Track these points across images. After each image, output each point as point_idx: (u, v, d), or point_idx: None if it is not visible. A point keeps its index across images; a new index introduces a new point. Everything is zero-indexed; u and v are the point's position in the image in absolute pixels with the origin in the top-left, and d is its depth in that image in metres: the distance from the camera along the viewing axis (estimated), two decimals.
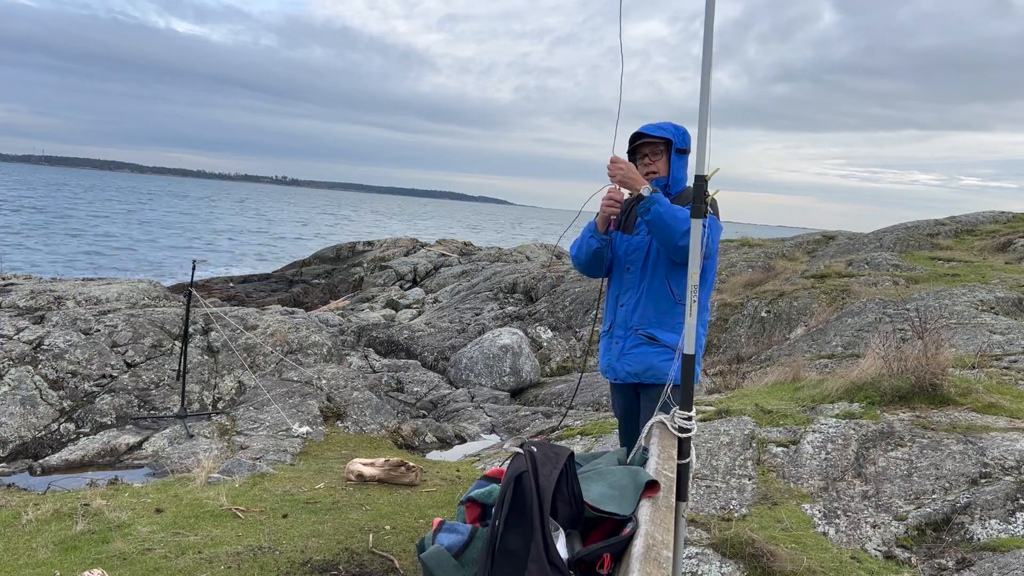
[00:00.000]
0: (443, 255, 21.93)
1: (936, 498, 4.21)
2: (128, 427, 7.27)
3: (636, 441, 2.48)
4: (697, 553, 3.78)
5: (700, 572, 3.68)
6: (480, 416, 8.91)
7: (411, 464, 5.21)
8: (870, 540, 3.99)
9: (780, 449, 5.01)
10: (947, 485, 4.31)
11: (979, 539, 3.81)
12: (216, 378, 8.38)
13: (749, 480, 4.71)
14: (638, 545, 1.76)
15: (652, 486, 2.07)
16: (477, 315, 14.09)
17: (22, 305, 9.25)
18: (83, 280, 13.24)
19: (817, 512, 4.27)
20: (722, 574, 3.67)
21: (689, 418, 2.47)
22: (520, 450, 1.98)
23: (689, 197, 2.85)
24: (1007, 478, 4.21)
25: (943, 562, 3.73)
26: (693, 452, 2.51)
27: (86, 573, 3.34)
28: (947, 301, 9.18)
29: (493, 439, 8.24)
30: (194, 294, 7.89)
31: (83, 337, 8.22)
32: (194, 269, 8.42)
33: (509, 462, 1.97)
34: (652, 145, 3.20)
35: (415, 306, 16.95)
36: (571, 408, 8.94)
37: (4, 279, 11.35)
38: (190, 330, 8.27)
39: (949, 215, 16.85)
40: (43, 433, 6.95)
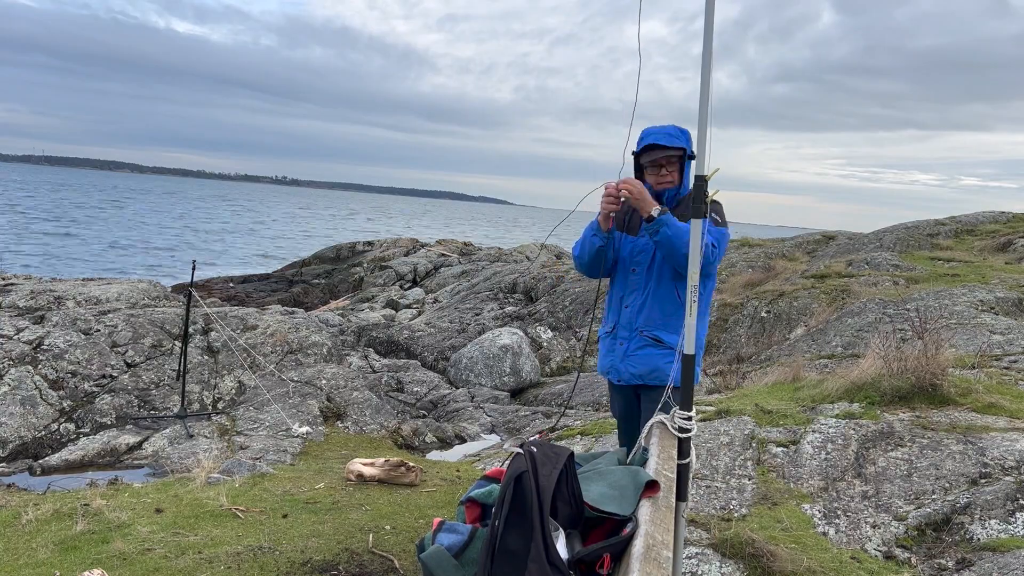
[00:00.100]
0: (443, 255, 21.93)
1: (936, 498, 4.22)
2: (128, 427, 7.27)
3: (636, 442, 2.48)
4: (697, 553, 3.78)
5: (700, 572, 3.68)
6: (480, 416, 8.91)
7: (411, 464, 5.21)
8: (870, 540, 3.99)
9: (780, 449, 5.01)
10: (947, 485, 4.31)
11: (979, 539, 3.81)
12: (216, 378, 8.38)
13: (749, 480, 4.71)
14: (638, 545, 1.76)
15: (652, 486, 2.07)
16: (477, 315, 14.09)
17: (22, 305, 9.25)
18: (83, 280, 13.23)
19: (817, 512, 4.27)
20: (722, 574, 3.67)
21: (689, 418, 2.47)
22: (520, 450, 1.98)
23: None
24: (1007, 478, 4.22)
25: (943, 562, 3.73)
26: (693, 452, 2.52)
27: (86, 573, 3.34)
28: (947, 301, 9.18)
29: (493, 439, 8.24)
30: (194, 294, 7.89)
31: (83, 337, 8.22)
32: (194, 269, 8.43)
33: (509, 462, 1.97)
34: (668, 157, 3.19)
35: (415, 306, 16.94)
36: (570, 408, 8.94)
37: (4, 279, 11.35)
38: (190, 330, 8.27)
39: (949, 215, 16.86)
40: (43, 433, 6.95)
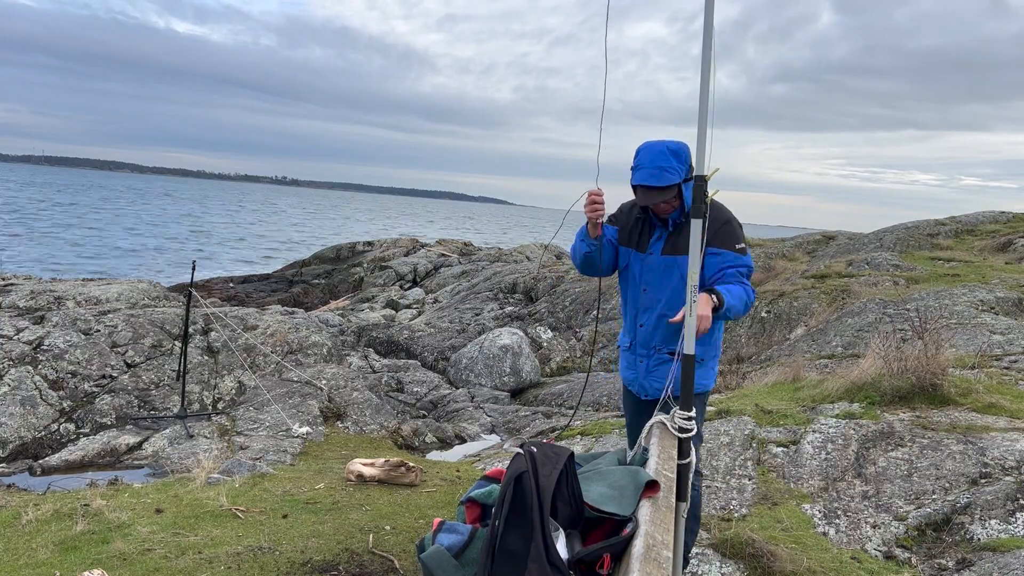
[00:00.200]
0: (443, 255, 21.93)
1: (936, 498, 4.21)
2: (128, 427, 7.27)
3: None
4: (697, 553, 3.78)
5: (700, 572, 3.68)
6: (480, 416, 8.91)
7: (411, 464, 5.20)
8: (870, 540, 3.99)
9: (780, 449, 5.01)
10: (947, 485, 4.31)
11: (979, 539, 3.81)
12: (216, 378, 8.38)
13: (749, 480, 4.71)
14: (638, 545, 1.76)
15: (652, 486, 2.07)
16: (477, 315, 14.09)
17: (22, 305, 9.25)
18: (83, 280, 13.24)
19: (817, 512, 4.27)
20: (722, 574, 3.67)
21: (689, 418, 2.48)
22: (520, 450, 1.98)
23: (716, 214, 3.00)
24: (1007, 478, 4.21)
25: (943, 562, 3.73)
26: (693, 452, 2.52)
27: (86, 573, 3.34)
28: (947, 301, 9.18)
29: (493, 439, 8.24)
30: (194, 294, 7.89)
31: (83, 337, 8.22)
32: (194, 269, 8.43)
33: (509, 462, 1.97)
34: (663, 197, 3.03)
35: (415, 306, 16.94)
36: (576, 408, 8.94)
37: (4, 279, 11.35)
38: (190, 330, 8.27)
39: (949, 215, 16.87)
40: (43, 433, 6.94)
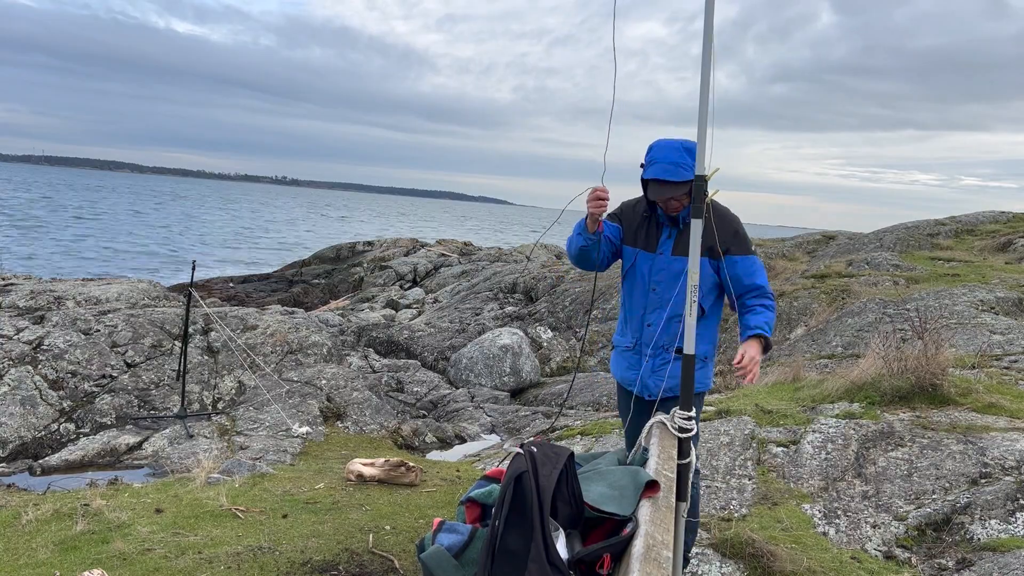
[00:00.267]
0: (443, 255, 21.93)
1: (936, 498, 4.21)
2: (128, 427, 7.27)
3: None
4: (697, 553, 3.78)
5: (700, 572, 3.68)
6: (480, 416, 8.91)
7: (411, 464, 5.20)
8: (870, 540, 3.99)
9: (780, 449, 5.01)
10: (947, 485, 4.31)
11: (979, 539, 3.81)
12: (216, 378, 8.38)
13: (749, 480, 4.71)
14: (638, 545, 1.76)
15: (652, 486, 2.07)
16: (477, 315, 14.08)
17: (22, 305, 9.25)
18: (83, 280, 13.23)
19: (817, 512, 4.27)
20: (722, 574, 3.67)
21: (689, 418, 2.47)
22: (520, 450, 1.98)
23: (727, 218, 3.12)
24: (1007, 478, 4.21)
25: (943, 562, 3.73)
26: (693, 452, 2.52)
27: (86, 573, 3.34)
28: (947, 301, 9.18)
29: (493, 439, 8.23)
30: (194, 294, 7.89)
31: (83, 337, 8.22)
32: (194, 269, 8.43)
33: (509, 462, 1.97)
34: (676, 193, 3.05)
35: (415, 306, 16.94)
36: (570, 408, 8.94)
37: (4, 279, 11.35)
38: (190, 330, 8.27)
39: (949, 215, 16.87)
40: (43, 433, 6.94)
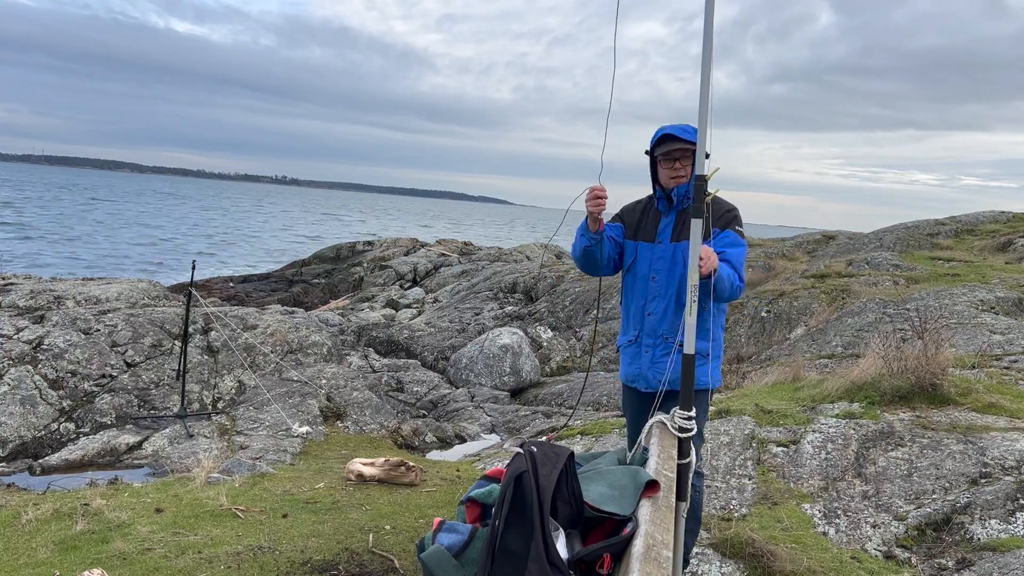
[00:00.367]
0: (443, 255, 21.93)
1: (936, 498, 4.21)
2: (128, 427, 7.26)
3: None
4: (697, 553, 3.78)
5: (700, 572, 3.68)
6: (480, 416, 8.91)
7: (411, 464, 5.20)
8: (870, 540, 3.99)
9: (780, 449, 5.01)
10: (947, 485, 4.31)
11: (979, 539, 3.81)
12: (216, 378, 8.38)
13: (749, 480, 4.71)
14: (638, 545, 1.76)
15: (652, 486, 2.07)
16: (477, 315, 14.08)
17: (22, 305, 9.25)
18: (83, 280, 13.23)
19: (817, 512, 4.27)
20: (722, 574, 3.67)
21: (689, 418, 2.47)
22: (520, 450, 1.98)
23: (722, 205, 3.14)
24: (1007, 478, 4.21)
25: (943, 562, 3.73)
26: (693, 452, 2.52)
27: (86, 573, 3.34)
28: (947, 301, 9.18)
29: (493, 439, 8.24)
30: (194, 294, 7.89)
31: (83, 337, 8.22)
32: (194, 269, 8.43)
33: (509, 462, 1.97)
34: (684, 150, 3.10)
35: (415, 306, 16.94)
36: (570, 408, 8.94)
37: (4, 279, 11.35)
38: (190, 330, 8.27)
39: (949, 215, 16.87)
40: (43, 433, 6.94)
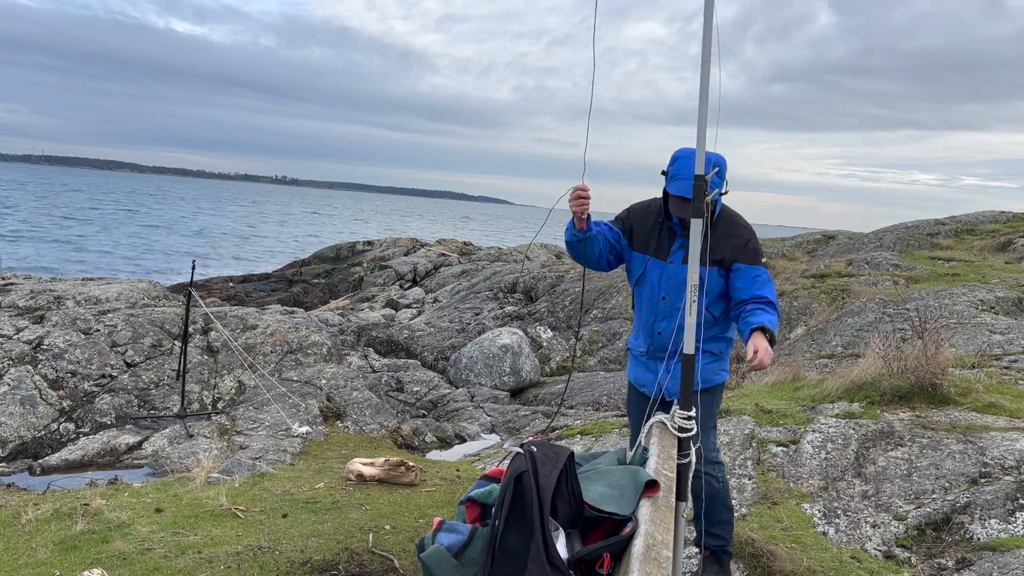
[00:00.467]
0: (443, 255, 21.93)
1: (936, 498, 4.21)
2: (128, 427, 7.26)
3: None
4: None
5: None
6: (480, 416, 8.90)
7: (411, 464, 5.20)
8: (870, 540, 3.99)
9: (780, 449, 5.01)
10: (947, 485, 4.31)
11: (979, 539, 3.81)
12: (216, 378, 8.38)
13: (749, 480, 4.71)
14: (638, 545, 1.76)
15: (652, 486, 2.07)
16: (477, 315, 14.08)
17: (22, 305, 9.25)
18: (83, 280, 13.23)
19: (817, 512, 4.27)
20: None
21: (689, 418, 2.47)
22: (520, 450, 1.98)
23: (740, 230, 3.12)
24: (1007, 478, 4.21)
25: (943, 562, 3.73)
26: (693, 452, 2.51)
27: (86, 573, 3.34)
28: (947, 301, 9.17)
29: (493, 439, 8.23)
30: (193, 294, 7.89)
31: (83, 337, 8.22)
32: (194, 269, 8.43)
33: (509, 462, 1.97)
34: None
35: (415, 306, 16.94)
36: (571, 408, 8.93)
37: (4, 279, 11.35)
38: (190, 330, 8.27)
39: (949, 215, 16.86)
40: (43, 433, 6.94)
